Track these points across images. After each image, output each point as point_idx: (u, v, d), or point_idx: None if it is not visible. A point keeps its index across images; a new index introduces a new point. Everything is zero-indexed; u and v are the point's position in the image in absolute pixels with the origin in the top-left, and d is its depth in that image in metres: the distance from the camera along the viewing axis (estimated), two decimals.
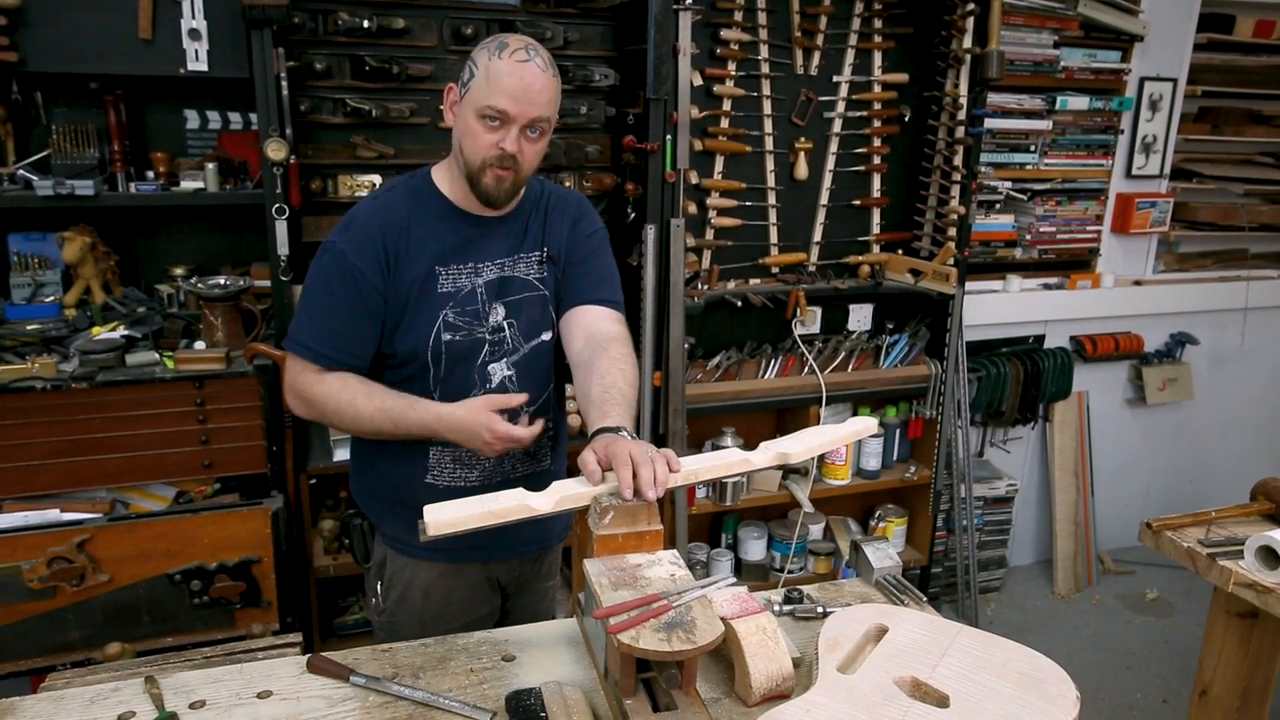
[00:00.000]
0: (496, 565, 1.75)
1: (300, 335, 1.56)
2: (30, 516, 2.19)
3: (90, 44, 2.22)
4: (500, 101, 1.46)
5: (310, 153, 2.44)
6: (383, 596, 1.73)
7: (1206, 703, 2.08)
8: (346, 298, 1.53)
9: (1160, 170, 3.67)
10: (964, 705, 1.11)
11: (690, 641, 1.08)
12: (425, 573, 1.69)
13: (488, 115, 1.48)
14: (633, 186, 2.65)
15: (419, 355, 1.57)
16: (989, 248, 3.48)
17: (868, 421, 1.59)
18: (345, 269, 1.53)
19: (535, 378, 1.66)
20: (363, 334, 1.56)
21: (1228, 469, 4.14)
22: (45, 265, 2.46)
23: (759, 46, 2.82)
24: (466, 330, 1.59)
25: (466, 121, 1.51)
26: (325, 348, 1.54)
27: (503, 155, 1.49)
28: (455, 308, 1.58)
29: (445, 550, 1.63)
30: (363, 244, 1.53)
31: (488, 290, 1.60)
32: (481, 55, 1.51)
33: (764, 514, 3.24)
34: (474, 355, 1.60)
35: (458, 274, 1.58)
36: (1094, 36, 3.41)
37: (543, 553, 1.83)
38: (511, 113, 1.47)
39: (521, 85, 1.47)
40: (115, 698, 1.22)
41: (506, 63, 1.47)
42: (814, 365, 3.01)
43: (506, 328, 1.62)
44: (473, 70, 1.51)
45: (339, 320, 1.54)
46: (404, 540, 1.68)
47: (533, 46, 1.51)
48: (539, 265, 1.66)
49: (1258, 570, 1.80)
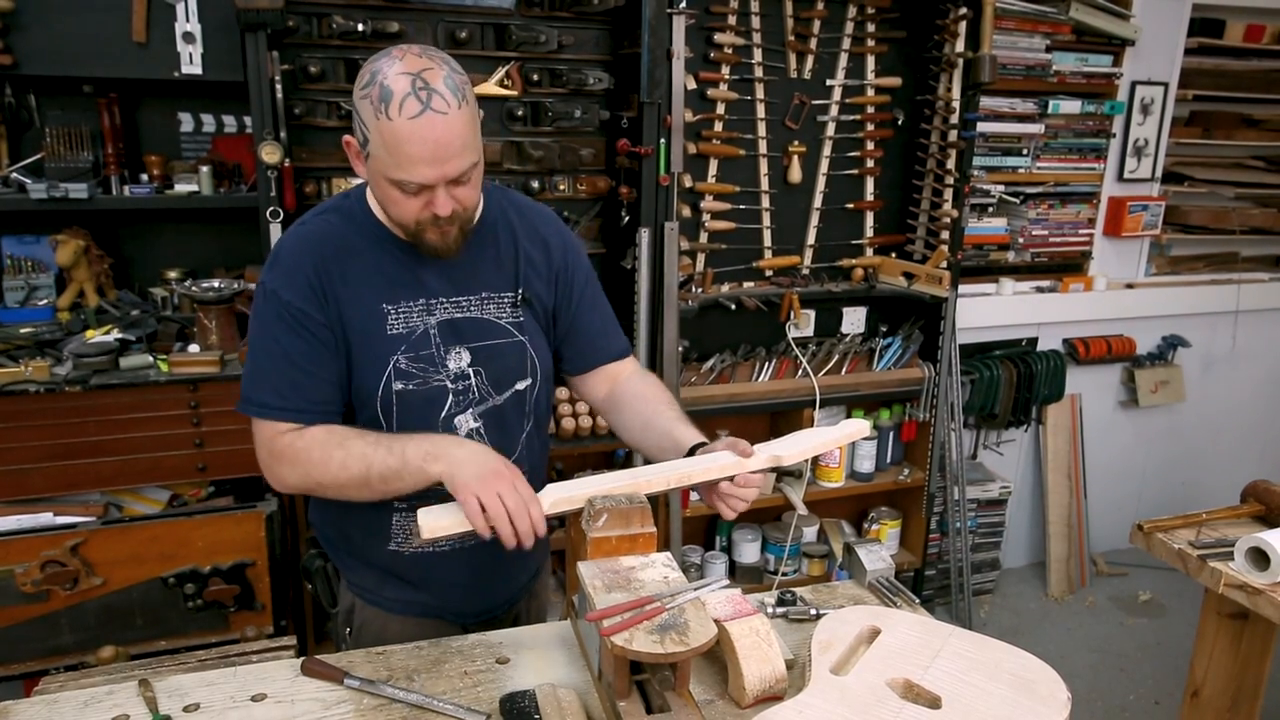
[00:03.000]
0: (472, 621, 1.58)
1: (259, 396, 1.34)
2: (23, 520, 2.19)
3: (84, 47, 2.22)
4: (413, 174, 1.24)
5: (304, 156, 2.45)
6: (352, 644, 1.54)
7: (1198, 703, 2.09)
8: (295, 342, 1.33)
9: (1152, 174, 3.69)
10: (956, 706, 1.11)
11: (684, 643, 1.09)
12: (397, 625, 1.52)
13: (404, 187, 1.27)
14: (627, 190, 2.66)
15: (368, 405, 1.38)
16: (982, 251, 3.49)
17: (860, 424, 1.59)
18: (283, 310, 1.33)
19: (508, 428, 1.48)
20: (327, 377, 1.35)
21: (1219, 471, 4.16)
22: (39, 268, 2.46)
23: (753, 50, 2.83)
24: (421, 379, 1.39)
25: (382, 189, 1.29)
26: (293, 401, 1.33)
27: (436, 218, 1.30)
28: (408, 352, 1.37)
29: (419, 605, 1.53)
30: (293, 278, 1.33)
31: (441, 332, 1.40)
32: (366, 110, 1.24)
33: (758, 516, 3.25)
34: (434, 407, 1.40)
35: (409, 313, 1.38)
36: (1086, 41, 3.43)
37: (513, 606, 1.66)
38: (430, 180, 1.25)
39: (429, 149, 1.22)
40: (109, 701, 1.22)
41: (401, 124, 1.20)
42: (808, 368, 3.02)
43: (472, 375, 1.42)
44: (364, 132, 1.26)
45: (295, 368, 1.33)
46: (372, 591, 1.52)
47: (423, 82, 1.21)
48: (513, 309, 1.46)
49: (1248, 572, 1.81)
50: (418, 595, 1.53)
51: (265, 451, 1.36)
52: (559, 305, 1.53)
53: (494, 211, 1.48)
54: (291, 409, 1.34)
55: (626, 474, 1.36)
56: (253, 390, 1.35)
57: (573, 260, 1.54)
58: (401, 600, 1.53)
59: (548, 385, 1.55)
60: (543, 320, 1.52)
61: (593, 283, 1.59)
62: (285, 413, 1.34)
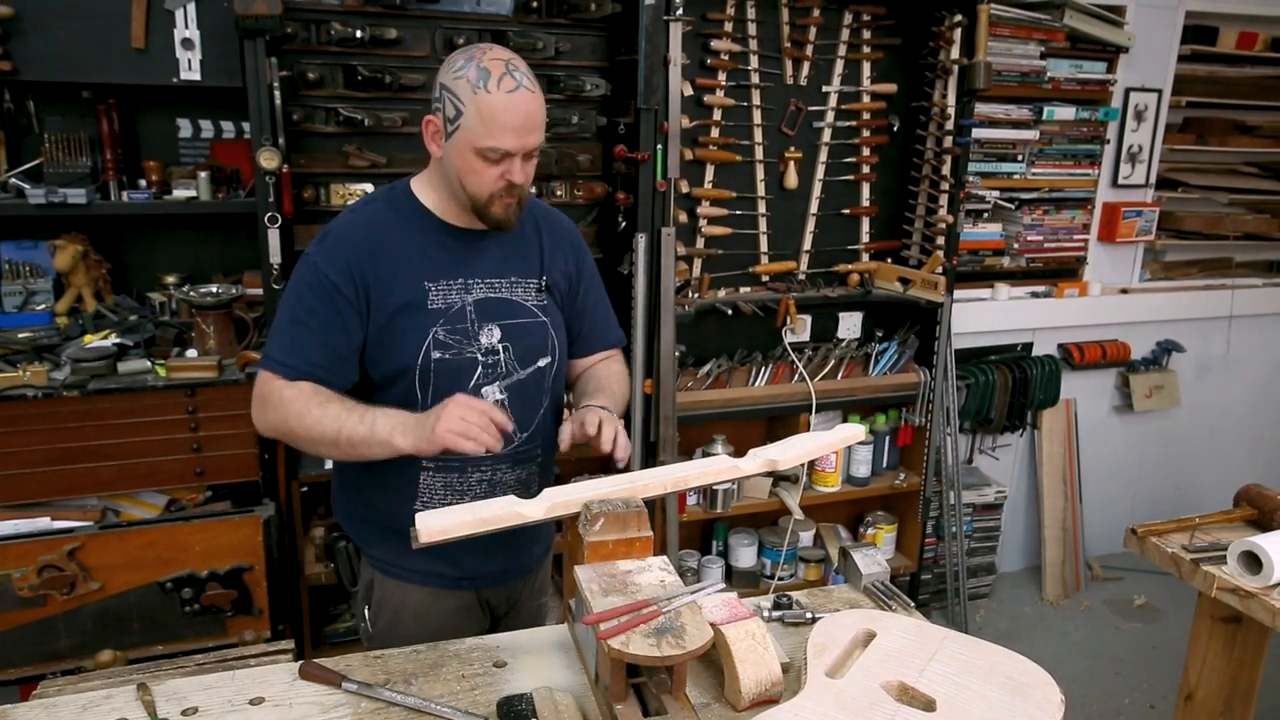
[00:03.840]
0: (486, 590, 1.72)
1: (273, 352, 1.50)
2: (21, 524, 2.19)
3: (83, 53, 2.23)
4: (505, 142, 1.42)
5: (303, 161, 2.45)
6: (371, 621, 1.68)
7: (1192, 707, 2.10)
8: (320, 311, 1.48)
9: (1146, 180, 3.71)
10: (950, 709, 1.12)
11: (680, 647, 1.10)
12: (416, 595, 1.65)
13: (489, 154, 1.43)
14: (623, 195, 2.67)
15: (407, 373, 1.51)
16: (977, 256, 3.51)
17: (855, 429, 1.60)
18: (318, 282, 1.48)
19: (529, 402, 1.62)
20: (335, 348, 1.50)
21: (1213, 475, 4.18)
22: (37, 273, 2.46)
23: (749, 57, 2.84)
24: (457, 349, 1.53)
25: (465, 159, 1.45)
26: (292, 359, 1.48)
27: (510, 186, 1.47)
28: (446, 325, 1.52)
29: (436, 575, 1.63)
30: (337, 258, 1.48)
31: (477, 309, 1.55)
32: (462, 87, 1.42)
33: (754, 521, 3.25)
34: (465, 376, 1.54)
35: (448, 290, 1.53)
36: (1080, 48, 3.45)
37: (530, 575, 1.80)
38: (514, 148, 1.43)
39: (520, 119, 1.42)
40: (107, 705, 1.23)
41: (499, 96, 1.40)
42: (804, 373, 3.03)
43: (501, 350, 1.57)
44: (457, 106, 1.42)
45: (310, 333, 1.48)
46: (393, 563, 1.64)
47: (514, 65, 1.43)
48: (537, 293, 1.62)
49: (1240, 575, 1.82)
50: (435, 564, 1.61)
51: (256, 393, 1.52)
52: (572, 293, 1.70)
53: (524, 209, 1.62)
54: (289, 365, 1.48)
55: (623, 478, 1.37)
56: (271, 346, 1.51)
57: (582, 259, 1.73)
58: (420, 571, 1.63)
59: (563, 366, 1.71)
60: (561, 306, 1.68)
61: (596, 280, 1.76)
62: (284, 367, 1.49)
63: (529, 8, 2.53)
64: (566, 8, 2.56)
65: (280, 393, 1.48)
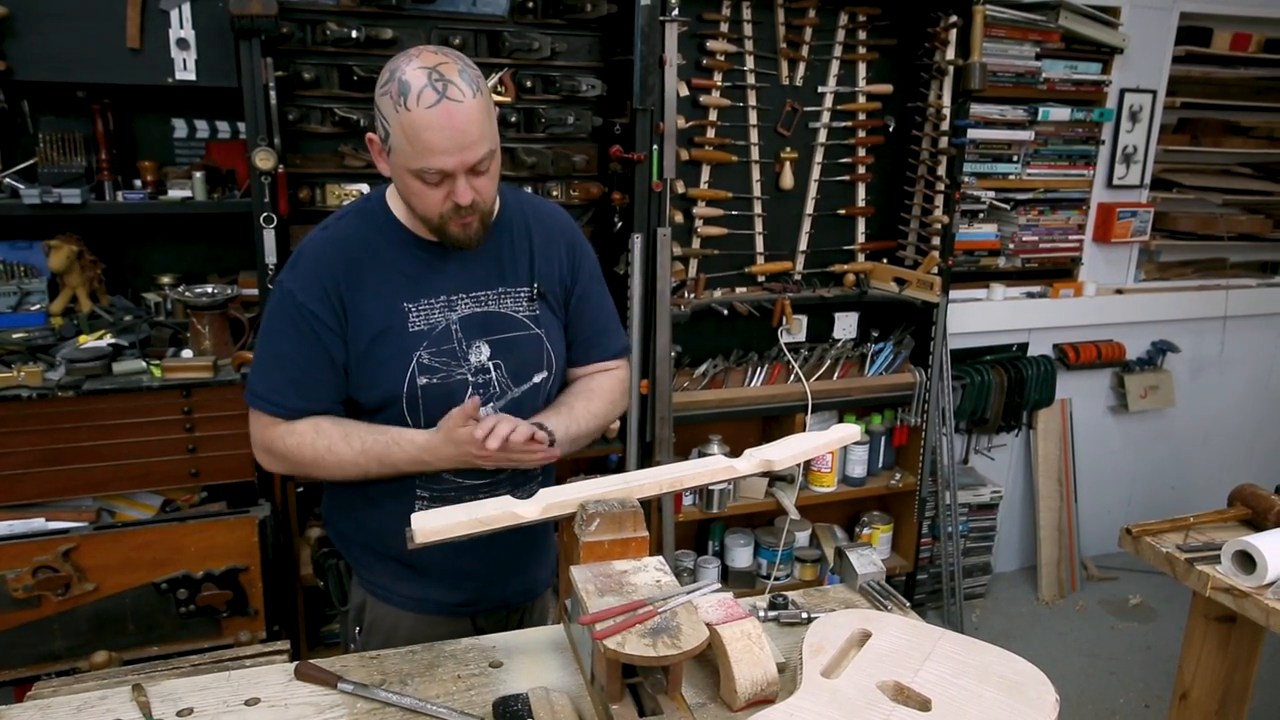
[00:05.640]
0: (483, 617, 1.63)
1: (259, 388, 1.43)
2: (15, 525, 2.18)
3: (78, 53, 2.22)
4: (433, 162, 1.29)
5: (298, 162, 2.45)
6: (362, 644, 1.60)
7: (1186, 706, 2.10)
8: (300, 343, 1.40)
9: (1141, 180, 3.72)
10: (945, 709, 1.12)
11: (675, 647, 1.10)
12: (408, 622, 1.56)
13: (425, 176, 1.31)
14: (619, 196, 2.67)
15: (394, 403, 1.43)
16: (972, 256, 3.51)
17: (850, 429, 1.60)
18: (295, 311, 1.40)
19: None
20: (324, 379, 1.43)
21: (1208, 475, 4.19)
22: (31, 273, 2.46)
23: (745, 58, 2.84)
24: (445, 372, 1.44)
25: (405, 181, 1.34)
26: (287, 399, 1.42)
27: (458, 208, 1.35)
28: (430, 347, 1.42)
29: (432, 601, 1.57)
30: (311, 282, 1.39)
31: (463, 326, 1.45)
32: (386, 105, 1.30)
33: (750, 521, 3.25)
34: (457, 399, 1.42)
35: (429, 309, 1.43)
36: (1075, 49, 3.45)
37: (531, 601, 1.70)
38: (450, 168, 1.30)
39: (448, 136, 1.27)
40: (102, 706, 1.22)
41: (419, 114, 1.26)
42: (800, 373, 3.03)
43: (492, 369, 1.47)
44: (385, 126, 1.31)
45: (296, 368, 1.41)
46: (385, 587, 1.57)
47: (438, 75, 1.26)
48: (529, 303, 1.51)
49: (1234, 575, 1.82)
50: (431, 590, 1.56)
51: (257, 440, 1.48)
52: (571, 296, 1.59)
53: (510, 209, 1.53)
54: (284, 406, 1.43)
55: (619, 478, 1.37)
56: (256, 381, 1.45)
57: (580, 257, 1.61)
58: (414, 597, 1.57)
59: (561, 379, 1.61)
60: (558, 313, 1.58)
61: (597, 281, 1.65)
62: (276, 408, 1.43)
63: (524, 8, 2.53)
64: (562, 8, 2.56)
65: (283, 440, 1.43)
